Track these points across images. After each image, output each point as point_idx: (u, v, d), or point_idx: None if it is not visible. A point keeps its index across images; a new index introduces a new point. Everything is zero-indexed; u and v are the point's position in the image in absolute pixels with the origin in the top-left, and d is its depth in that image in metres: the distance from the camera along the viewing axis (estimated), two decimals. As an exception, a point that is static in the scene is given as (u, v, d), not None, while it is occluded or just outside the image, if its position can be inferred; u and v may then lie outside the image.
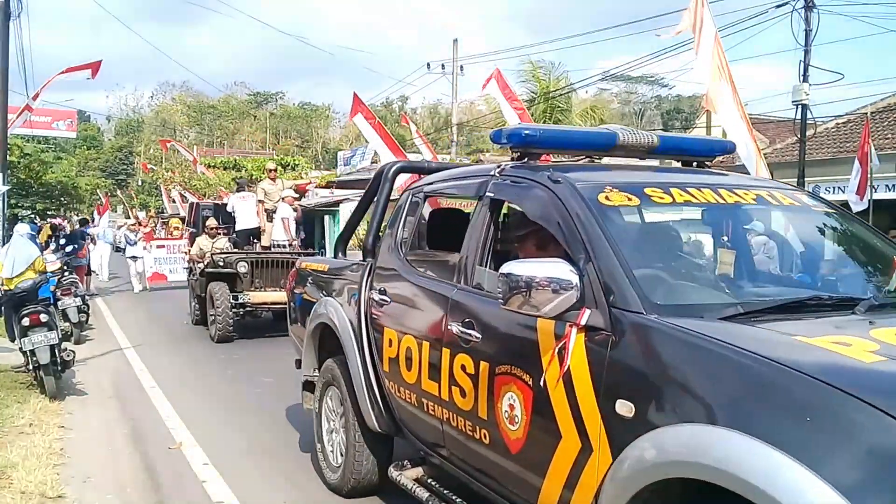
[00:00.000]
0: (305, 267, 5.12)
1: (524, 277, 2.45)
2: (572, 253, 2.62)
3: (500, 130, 3.33)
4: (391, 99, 55.78)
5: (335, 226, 30.72)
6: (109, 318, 12.92)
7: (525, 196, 3.05)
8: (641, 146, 3.36)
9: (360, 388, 3.97)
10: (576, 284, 2.42)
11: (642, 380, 2.21)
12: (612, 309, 2.39)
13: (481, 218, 3.29)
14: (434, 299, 3.43)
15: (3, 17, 13.20)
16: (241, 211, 12.44)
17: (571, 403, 2.41)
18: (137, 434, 5.81)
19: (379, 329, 3.83)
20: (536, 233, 3.13)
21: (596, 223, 2.63)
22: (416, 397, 3.48)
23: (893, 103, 17.20)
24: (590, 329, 2.42)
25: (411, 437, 3.74)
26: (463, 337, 3.05)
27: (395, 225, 4.02)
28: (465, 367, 3.01)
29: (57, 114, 25.34)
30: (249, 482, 4.70)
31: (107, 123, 74.55)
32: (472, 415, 2.97)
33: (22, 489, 4.41)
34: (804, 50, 13.70)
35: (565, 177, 2.90)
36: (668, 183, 2.98)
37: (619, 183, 2.92)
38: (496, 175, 3.29)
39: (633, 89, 53.76)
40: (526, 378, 2.65)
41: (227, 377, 8.17)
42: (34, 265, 8.31)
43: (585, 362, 2.39)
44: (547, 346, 2.56)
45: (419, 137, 17.98)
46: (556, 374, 2.47)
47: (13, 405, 6.33)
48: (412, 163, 4.81)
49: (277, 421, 6.15)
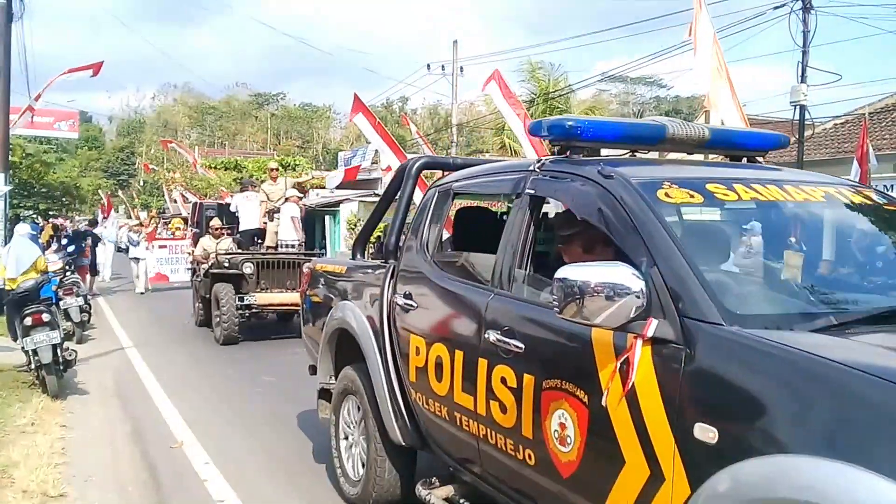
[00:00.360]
0: (320, 268, 4.85)
1: (579, 283, 2.19)
2: (632, 256, 2.35)
3: (540, 122, 3.06)
4: (391, 100, 55.50)
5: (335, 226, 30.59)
6: (111, 318, 12.92)
7: (571, 192, 2.77)
8: (691, 139, 3.10)
9: (383, 399, 3.71)
10: (640, 291, 2.15)
11: (728, 401, 1.94)
12: (683, 319, 2.12)
13: (519, 217, 3.01)
14: (468, 305, 3.16)
15: (6, 19, 13.19)
16: (244, 211, 12.19)
17: (637, 425, 2.15)
18: (139, 433, 5.79)
19: (404, 336, 3.57)
20: (582, 233, 2.87)
21: (658, 222, 2.37)
22: (447, 410, 3.21)
23: (891, 104, 17.14)
24: (657, 341, 2.15)
25: (440, 452, 3.48)
26: (503, 347, 2.78)
27: (421, 225, 3.75)
28: (506, 380, 2.75)
29: (59, 114, 25.52)
30: (250, 481, 4.66)
31: (109, 124, 74.45)
32: (515, 433, 2.70)
33: (24, 488, 4.39)
34: (802, 51, 13.73)
35: (618, 171, 2.64)
36: (731, 178, 2.71)
37: (677, 178, 2.65)
38: (535, 170, 3.02)
39: (632, 90, 53.68)
40: (580, 394, 2.38)
41: (228, 377, 8.13)
42: (36, 265, 8.42)
43: (654, 379, 2.12)
44: (605, 360, 2.30)
45: (419, 138, 17.79)
46: (618, 391, 2.20)
47: (15, 404, 6.31)
48: (436, 158, 4.54)
49: (278, 420, 6.12)
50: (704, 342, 2.04)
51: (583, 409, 2.36)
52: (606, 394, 2.24)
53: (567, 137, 2.97)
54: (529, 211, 2.99)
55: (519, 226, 3.00)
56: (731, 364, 1.98)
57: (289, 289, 10.53)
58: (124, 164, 66.39)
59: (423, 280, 3.56)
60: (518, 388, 2.67)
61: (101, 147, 68.70)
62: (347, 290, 4.34)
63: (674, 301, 2.16)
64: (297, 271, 10.60)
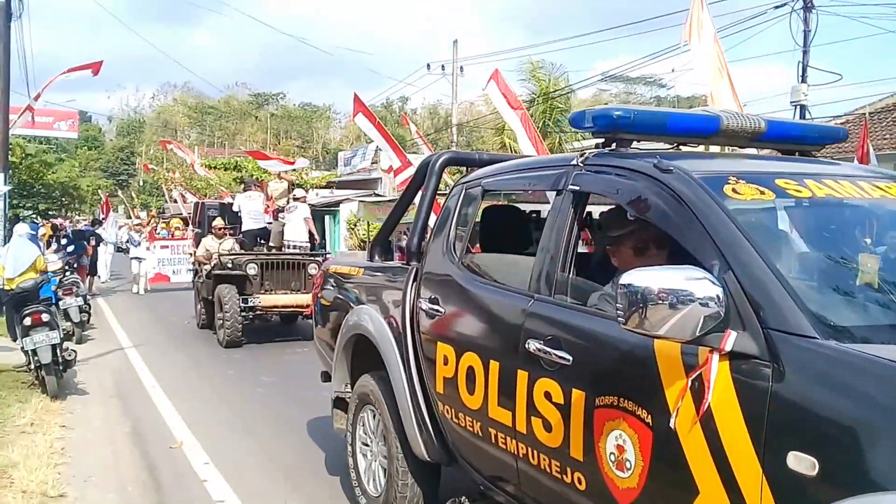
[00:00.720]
0: (334, 270, 4.59)
1: (643, 290, 1.93)
2: (700, 259, 2.10)
3: (584, 113, 2.80)
4: (391, 99, 55.34)
5: (335, 226, 30.39)
6: (111, 318, 12.89)
7: (623, 189, 2.52)
8: (745, 132, 2.84)
9: (406, 411, 3.45)
10: (717, 298, 1.90)
11: (831, 428, 1.69)
12: (768, 331, 1.87)
13: (562, 215, 2.76)
14: (504, 311, 2.91)
15: (5, 18, 13.25)
16: (247, 211, 11.94)
17: (714, 451, 1.90)
18: (138, 433, 5.77)
19: (430, 344, 3.31)
20: (633, 234, 2.62)
21: (731, 221, 2.11)
22: (479, 425, 2.96)
23: (892, 104, 17.02)
24: (735, 356, 1.90)
25: (469, 470, 3.22)
26: (546, 359, 2.53)
27: (447, 224, 3.49)
28: (551, 395, 2.50)
29: (58, 114, 25.59)
30: (250, 481, 4.63)
31: (108, 124, 74.24)
32: (561, 453, 2.45)
33: (23, 488, 4.37)
34: (803, 51, 13.64)
35: (677, 165, 2.39)
36: (801, 173, 2.46)
37: (743, 172, 2.40)
38: (579, 164, 2.77)
39: (632, 90, 53.68)
40: (641, 414, 2.13)
41: (228, 377, 8.07)
42: (35, 265, 8.41)
43: (734, 399, 1.87)
44: (671, 376, 2.05)
45: (419, 138, 17.60)
46: (690, 411, 1.95)
47: (15, 404, 6.30)
48: (461, 153, 4.27)
49: (278, 420, 6.09)
50: (797, 358, 1.79)
51: (645, 430, 2.11)
52: (676, 414, 1.99)
53: (613, 129, 2.72)
54: (573, 209, 2.73)
55: (561, 225, 2.74)
56: (834, 385, 1.73)
57: (293, 290, 10.31)
58: (124, 163, 66.24)
59: (451, 284, 3.30)
60: (565, 404, 2.42)
61: (101, 147, 68.57)
62: (365, 294, 4.08)
63: (754, 310, 1.92)
64: (303, 272, 10.40)
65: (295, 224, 11.23)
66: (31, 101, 13.71)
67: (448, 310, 3.25)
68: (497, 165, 3.51)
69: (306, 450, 5.26)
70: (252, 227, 11.86)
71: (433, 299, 3.34)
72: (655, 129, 2.78)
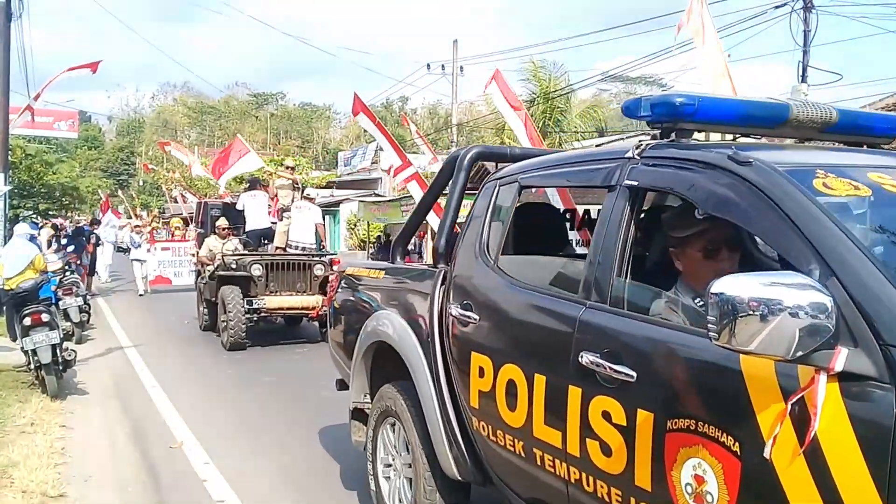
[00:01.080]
0: (352, 273, 4.32)
1: (736, 299, 1.66)
2: (795, 264, 1.84)
3: (639, 100, 2.53)
4: (391, 99, 55.08)
5: (335, 226, 30.09)
6: (111, 318, 12.83)
7: (692, 184, 2.24)
8: (815, 122, 2.58)
9: (436, 425, 3.18)
10: (828, 309, 1.63)
11: None
12: (886, 348, 1.61)
13: (617, 214, 2.48)
14: (551, 319, 2.64)
15: (5, 18, 13.17)
16: (251, 210, 11.65)
17: (823, 487, 1.63)
18: (138, 433, 5.77)
19: (462, 353, 3.04)
20: (704, 234, 2.36)
21: (830, 220, 1.85)
22: (522, 445, 2.69)
23: (892, 104, 16.70)
24: (845, 377, 1.64)
25: (507, 492, 2.94)
26: (604, 374, 2.26)
27: (480, 224, 3.22)
28: (611, 416, 2.22)
29: (58, 114, 25.66)
30: (250, 481, 4.62)
31: (108, 124, 73.99)
32: (624, 482, 2.18)
33: (23, 488, 4.37)
34: (803, 50, 13.52)
35: (757, 157, 2.12)
36: (889, 167, 2.20)
37: (830, 165, 2.14)
38: (635, 157, 2.50)
39: (632, 90, 53.63)
40: (726, 440, 1.86)
41: (228, 377, 8.03)
42: (34, 264, 8.35)
43: (849, 428, 1.60)
44: (764, 398, 1.78)
45: (419, 138, 17.41)
46: (790, 441, 1.69)
47: (14, 404, 6.29)
48: (491, 148, 3.99)
49: (278, 420, 6.08)
50: None
51: (731, 460, 1.84)
52: (772, 443, 1.72)
53: (674, 118, 2.45)
54: (629, 206, 2.46)
55: (616, 225, 2.47)
56: None
57: (299, 292, 10.06)
58: (124, 163, 66.00)
59: (486, 288, 3.03)
60: (629, 426, 2.15)
61: (101, 147, 68.35)
62: (387, 298, 3.81)
63: (868, 323, 1.65)
64: (308, 273, 10.14)
65: (302, 225, 10.94)
66: (31, 101, 13.64)
67: (483, 317, 2.97)
68: (536, 160, 3.23)
69: (307, 450, 5.23)
70: (256, 227, 11.59)
71: (466, 305, 3.07)
72: (721, 118, 2.50)
